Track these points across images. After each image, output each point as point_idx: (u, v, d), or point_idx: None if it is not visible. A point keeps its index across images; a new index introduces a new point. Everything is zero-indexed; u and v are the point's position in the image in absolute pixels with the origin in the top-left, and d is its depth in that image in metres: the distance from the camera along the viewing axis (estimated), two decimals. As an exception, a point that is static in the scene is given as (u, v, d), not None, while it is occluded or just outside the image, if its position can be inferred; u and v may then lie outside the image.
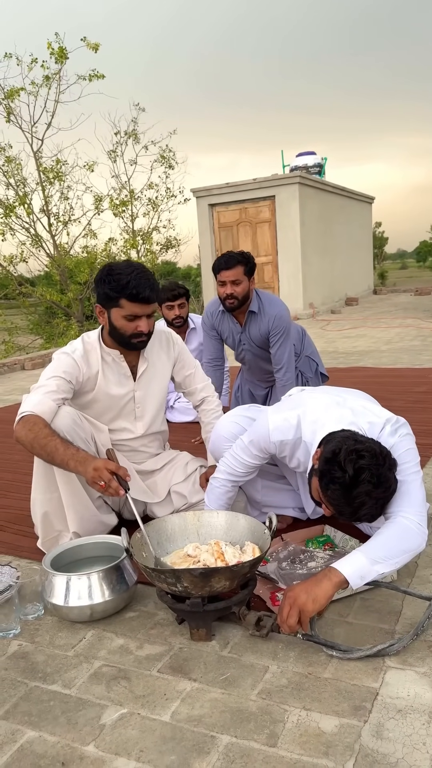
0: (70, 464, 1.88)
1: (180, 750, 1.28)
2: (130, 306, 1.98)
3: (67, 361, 2.08)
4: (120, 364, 2.16)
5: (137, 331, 2.02)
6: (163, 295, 3.74)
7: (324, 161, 13.08)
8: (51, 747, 1.31)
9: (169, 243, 13.57)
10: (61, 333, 11.43)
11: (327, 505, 1.68)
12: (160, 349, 2.28)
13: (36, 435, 1.90)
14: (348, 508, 1.60)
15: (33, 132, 11.54)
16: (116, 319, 2.03)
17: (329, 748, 1.25)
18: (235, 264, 3.10)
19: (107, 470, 1.80)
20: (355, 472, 1.56)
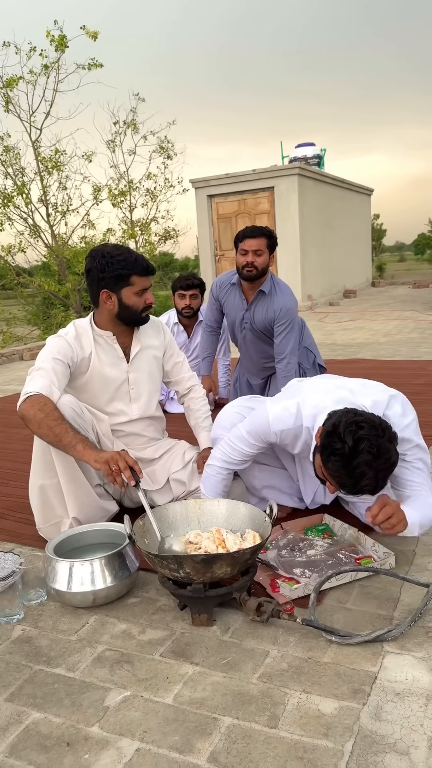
0: (78, 447, 1.89)
1: (183, 731, 1.30)
2: (140, 281, 2.10)
3: (61, 343, 2.12)
4: (113, 346, 2.20)
5: (147, 303, 2.14)
6: (177, 283, 3.78)
7: (323, 152, 13.04)
8: (56, 728, 1.34)
9: (168, 234, 13.56)
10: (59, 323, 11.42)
11: (329, 479, 1.71)
12: (153, 335, 2.33)
13: (46, 415, 1.92)
14: (349, 479, 1.64)
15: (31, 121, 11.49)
16: (128, 298, 2.12)
17: (329, 729, 1.28)
18: (259, 235, 3.15)
19: (125, 461, 1.83)
20: (354, 442, 1.60)
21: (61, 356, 2.08)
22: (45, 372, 2.03)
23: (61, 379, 2.06)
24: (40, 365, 2.05)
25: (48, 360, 2.06)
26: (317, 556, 1.97)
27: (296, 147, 12.88)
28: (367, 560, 1.91)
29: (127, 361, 2.23)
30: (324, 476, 1.74)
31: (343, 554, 1.96)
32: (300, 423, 1.92)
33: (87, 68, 11.36)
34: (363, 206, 15.83)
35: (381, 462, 1.62)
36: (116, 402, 2.25)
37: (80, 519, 2.10)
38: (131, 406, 2.28)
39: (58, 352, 2.08)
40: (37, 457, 2.12)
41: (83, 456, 1.89)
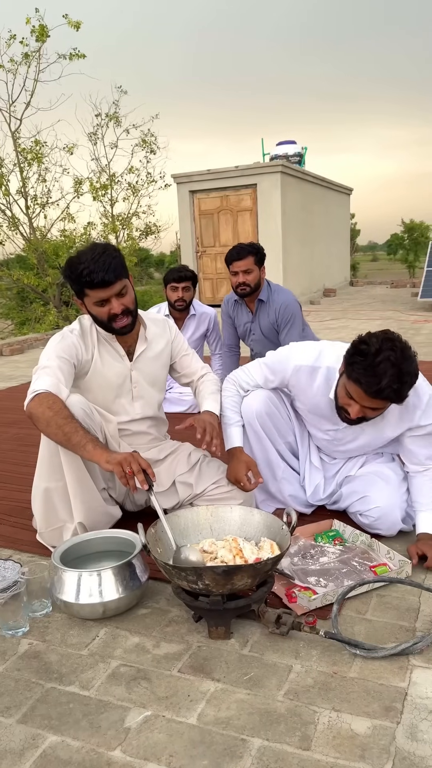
0: (88, 447, 1.81)
1: (211, 754, 1.24)
2: (93, 293, 1.97)
3: (66, 342, 2.05)
4: (115, 345, 2.13)
5: (111, 314, 2.00)
6: (169, 276, 3.74)
7: (304, 151, 13.03)
8: (75, 752, 1.26)
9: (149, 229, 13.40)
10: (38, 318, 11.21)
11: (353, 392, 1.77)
12: (159, 333, 2.25)
13: (55, 413, 1.84)
14: (373, 378, 1.68)
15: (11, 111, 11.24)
16: (91, 308, 2.02)
17: (364, 750, 1.23)
18: (246, 255, 3.38)
19: (138, 463, 1.75)
20: (380, 344, 1.71)
21: (66, 355, 2.00)
22: (51, 370, 1.95)
23: (68, 377, 1.98)
24: (46, 363, 1.97)
25: (53, 358, 1.98)
26: (330, 563, 1.92)
27: (277, 144, 12.83)
28: (383, 568, 1.87)
29: (130, 359, 2.16)
30: (347, 395, 1.81)
31: (357, 562, 1.92)
32: (320, 364, 2.02)
33: (68, 58, 11.16)
34: (342, 205, 15.89)
35: (404, 363, 1.68)
36: (119, 400, 2.18)
37: (86, 524, 2.02)
38: (134, 405, 2.21)
39: (62, 350, 2.01)
40: (43, 459, 2.03)
41: (93, 456, 1.80)
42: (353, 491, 2.12)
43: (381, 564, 1.90)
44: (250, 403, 2.20)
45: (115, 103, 12.67)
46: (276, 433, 2.22)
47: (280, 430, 2.22)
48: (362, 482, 2.10)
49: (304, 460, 2.28)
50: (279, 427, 2.22)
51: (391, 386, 1.69)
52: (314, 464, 2.26)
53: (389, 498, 2.04)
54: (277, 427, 2.22)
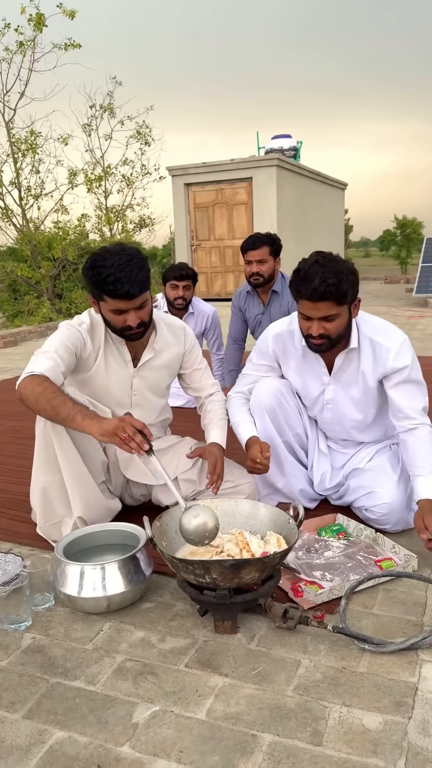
0: (77, 418, 1.74)
1: (222, 750, 1.22)
2: (113, 302, 1.86)
3: (73, 333, 1.99)
4: (121, 349, 2.06)
5: (126, 325, 1.91)
6: (169, 273, 3.68)
7: (299, 145, 12.98)
8: (83, 748, 1.24)
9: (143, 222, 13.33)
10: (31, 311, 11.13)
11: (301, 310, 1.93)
12: (173, 342, 2.17)
13: (44, 389, 1.78)
14: (306, 283, 1.85)
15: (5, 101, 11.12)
16: (105, 312, 1.93)
17: (377, 746, 1.22)
18: (261, 245, 3.31)
19: (132, 425, 1.69)
20: (309, 258, 1.91)
21: (70, 344, 1.95)
22: (50, 354, 1.90)
23: (67, 365, 1.93)
24: (47, 348, 1.92)
25: (55, 344, 1.93)
26: (335, 558, 1.91)
27: (273, 138, 12.78)
28: (388, 563, 1.86)
29: (135, 365, 2.10)
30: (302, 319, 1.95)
31: (362, 556, 1.91)
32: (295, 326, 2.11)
33: (64, 48, 11.05)
34: (337, 200, 15.87)
35: (332, 264, 1.85)
36: (117, 405, 2.13)
37: (85, 518, 1.99)
38: (132, 411, 2.16)
39: (68, 339, 1.96)
40: (39, 451, 2.00)
41: (84, 428, 1.74)
42: (360, 486, 2.10)
43: (386, 558, 1.89)
44: (260, 396, 2.18)
45: (110, 94, 12.59)
46: (285, 425, 2.19)
47: (289, 421, 2.20)
48: (369, 477, 2.08)
49: (313, 447, 2.26)
50: (288, 418, 2.20)
51: (325, 281, 1.82)
52: (322, 450, 2.25)
53: (397, 494, 2.02)
54: (287, 417, 2.19)
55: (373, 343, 2.01)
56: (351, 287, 1.87)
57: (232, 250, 11.32)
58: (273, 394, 2.17)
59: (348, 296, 1.88)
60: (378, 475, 2.08)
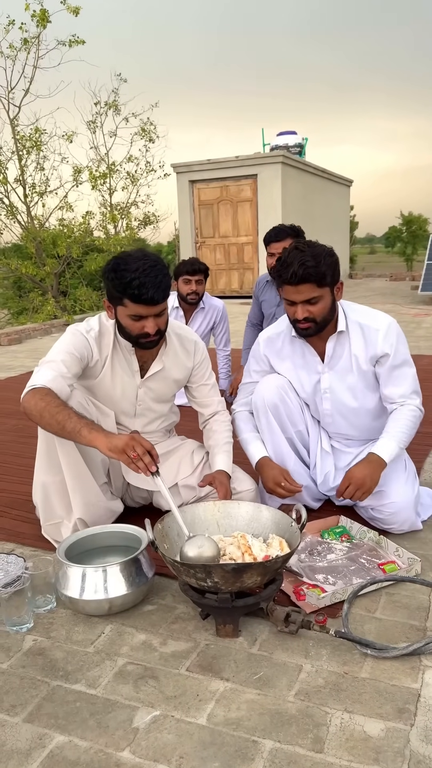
0: (83, 432, 1.73)
1: (222, 756, 1.22)
2: (134, 306, 1.83)
3: (81, 340, 1.96)
4: (129, 358, 2.04)
5: (143, 332, 1.88)
6: (182, 268, 3.67)
7: (305, 142, 12.93)
8: (84, 753, 1.24)
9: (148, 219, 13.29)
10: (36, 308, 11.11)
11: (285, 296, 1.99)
12: (183, 356, 2.14)
13: (47, 404, 1.78)
14: (286, 269, 1.91)
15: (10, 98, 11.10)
16: (122, 318, 1.90)
17: (379, 753, 1.21)
18: (285, 236, 3.23)
19: (142, 445, 1.68)
20: (288, 247, 1.97)
21: (76, 352, 1.93)
22: (54, 365, 1.89)
23: (74, 373, 1.91)
24: (52, 358, 1.91)
25: (61, 353, 1.91)
26: (338, 561, 1.90)
27: (278, 135, 12.73)
28: (392, 566, 1.84)
29: (142, 376, 2.08)
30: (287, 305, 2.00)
31: (365, 559, 1.90)
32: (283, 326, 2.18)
33: (68, 45, 11.00)
34: (342, 197, 15.81)
35: (310, 249, 1.92)
36: (119, 414, 2.12)
37: (86, 519, 1.98)
38: (134, 421, 2.15)
39: (74, 347, 1.93)
40: (41, 452, 1.99)
41: (91, 442, 1.73)
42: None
43: (389, 561, 1.87)
44: (262, 393, 2.18)
45: (115, 91, 12.52)
46: (288, 422, 2.19)
47: (291, 418, 2.20)
48: None
49: (316, 446, 2.25)
50: (291, 415, 2.19)
51: (303, 264, 1.89)
52: (325, 449, 2.24)
53: (405, 494, 2.01)
54: (289, 414, 2.19)
55: (361, 326, 2.07)
56: (330, 269, 1.94)
57: (236, 248, 11.29)
58: (275, 391, 2.17)
59: (327, 278, 1.94)
60: (386, 473, 2.07)
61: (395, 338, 2.06)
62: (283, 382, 2.19)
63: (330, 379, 2.14)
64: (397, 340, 2.06)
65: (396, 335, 2.07)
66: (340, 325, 2.06)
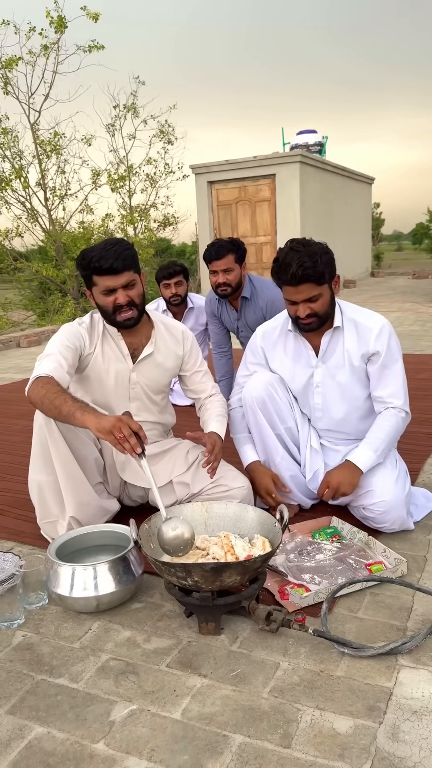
0: (77, 414, 1.79)
1: (192, 750, 1.25)
2: (101, 280, 1.99)
3: (73, 332, 2.09)
4: (118, 343, 2.14)
5: (116, 304, 2.01)
6: (159, 274, 3.73)
7: (325, 140, 12.89)
8: (60, 744, 1.29)
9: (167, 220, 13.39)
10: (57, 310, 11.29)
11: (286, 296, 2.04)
12: (172, 343, 2.22)
13: (47, 391, 1.87)
14: (285, 269, 1.96)
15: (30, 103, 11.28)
16: (97, 298, 2.06)
17: (344, 750, 1.23)
18: (225, 253, 3.15)
19: (129, 426, 1.72)
20: (283, 247, 2.02)
21: (70, 343, 2.05)
22: (54, 357, 1.99)
23: (71, 364, 2.02)
24: (50, 351, 2.02)
25: (58, 345, 2.03)
26: (326, 561, 1.92)
27: (297, 134, 12.71)
28: (378, 566, 1.86)
29: (134, 361, 2.15)
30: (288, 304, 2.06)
31: (353, 560, 1.91)
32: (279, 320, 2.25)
33: (87, 50, 11.15)
34: (364, 195, 15.70)
35: (306, 248, 1.96)
36: (115, 399, 2.17)
37: (79, 519, 2.03)
38: (130, 405, 2.20)
39: (68, 339, 2.05)
40: (35, 451, 2.06)
41: (83, 422, 1.78)
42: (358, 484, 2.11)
43: (377, 562, 1.89)
44: (251, 388, 2.22)
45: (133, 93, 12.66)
46: (276, 418, 2.22)
47: (281, 414, 2.23)
48: (367, 475, 2.09)
49: (305, 443, 2.28)
50: (279, 411, 2.22)
51: (302, 266, 1.93)
52: (314, 447, 2.26)
53: (395, 492, 2.03)
54: (278, 410, 2.22)
55: (356, 323, 2.12)
56: (327, 266, 1.99)
57: (255, 248, 11.31)
58: (264, 387, 2.21)
59: (326, 275, 1.99)
60: (375, 473, 2.08)
61: (388, 337, 2.09)
62: (272, 378, 2.23)
63: (323, 373, 2.17)
64: (389, 339, 2.09)
65: (389, 335, 2.10)
66: (336, 321, 2.11)
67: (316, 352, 2.17)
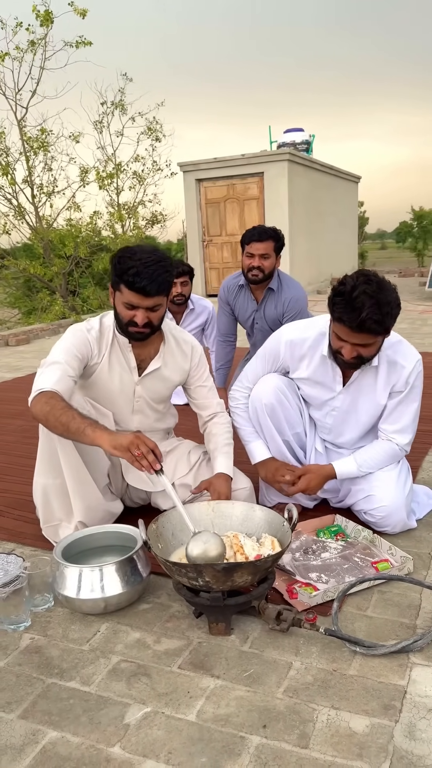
0: (87, 431, 1.76)
1: (210, 751, 1.25)
2: (128, 294, 1.88)
3: (82, 339, 2.01)
4: (127, 354, 2.07)
5: (132, 320, 1.93)
6: None
7: (312, 138, 12.90)
8: (75, 748, 1.27)
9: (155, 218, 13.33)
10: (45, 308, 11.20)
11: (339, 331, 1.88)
12: (180, 357, 2.16)
13: (51, 408, 1.81)
14: (352, 312, 1.77)
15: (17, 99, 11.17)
16: (118, 303, 1.96)
17: (362, 749, 1.23)
18: (267, 238, 3.11)
19: (146, 444, 1.71)
20: (355, 280, 1.80)
21: (78, 352, 1.97)
22: (59, 366, 1.92)
23: (76, 371, 1.96)
24: (55, 359, 1.95)
25: (64, 353, 1.96)
26: (332, 559, 1.92)
27: (285, 132, 12.71)
28: (384, 564, 1.86)
29: (140, 373, 2.10)
30: (337, 338, 1.90)
31: (359, 558, 1.92)
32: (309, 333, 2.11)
33: (75, 46, 11.05)
34: (350, 194, 15.75)
35: (381, 294, 1.77)
36: (119, 410, 2.15)
37: (86, 523, 2.01)
38: (132, 418, 2.18)
39: (75, 346, 1.98)
40: (42, 455, 2.03)
41: (95, 440, 1.75)
42: (359, 489, 2.11)
43: (383, 560, 1.89)
44: (260, 394, 2.18)
45: (121, 90, 12.57)
46: (285, 424, 2.19)
47: (290, 420, 2.20)
48: (368, 480, 2.09)
49: (311, 446, 2.27)
50: (289, 417, 2.20)
51: (371, 317, 1.77)
52: (318, 450, 2.26)
53: (395, 497, 2.03)
54: (287, 417, 2.19)
55: (389, 360, 2.03)
56: (393, 321, 1.85)
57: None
58: (273, 393, 2.17)
59: (389, 330, 1.87)
60: (376, 478, 2.08)
61: (415, 377, 2.04)
62: (282, 384, 2.18)
63: (343, 400, 2.12)
64: (416, 379, 2.04)
65: (417, 374, 2.04)
66: (374, 360, 2.00)
67: (344, 379, 2.10)
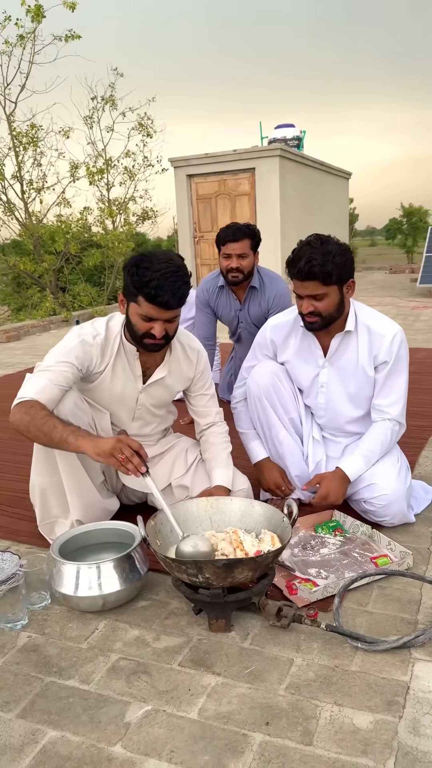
0: (70, 440, 1.74)
1: (213, 750, 1.23)
2: (146, 306, 1.81)
3: (84, 347, 1.93)
4: (133, 362, 2.01)
5: (149, 333, 1.87)
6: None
7: (303, 134, 12.88)
8: (76, 748, 1.25)
9: (146, 214, 13.26)
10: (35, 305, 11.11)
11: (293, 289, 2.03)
12: (185, 365, 2.12)
13: (32, 417, 1.77)
14: (295, 264, 1.94)
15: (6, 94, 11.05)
16: (132, 315, 1.88)
17: (367, 746, 1.22)
18: (243, 236, 3.01)
19: (129, 446, 1.69)
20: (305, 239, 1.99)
21: (77, 362, 1.90)
22: (51, 374, 1.86)
23: (67, 380, 1.88)
24: (48, 366, 1.88)
25: (60, 362, 1.89)
26: (331, 555, 1.91)
27: (276, 128, 12.69)
28: (384, 560, 1.86)
29: (144, 381, 2.05)
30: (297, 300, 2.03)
31: (358, 553, 1.91)
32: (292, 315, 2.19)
33: (64, 40, 10.94)
34: (341, 190, 15.76)
35: (321, 246, 1.92)
36: (119, 415, 2.12)
37: (83, 521, 1.99)
38: (132, 424, 2.14)
39: (75, 356, 1.90)
40: (38, 453, 1.99)
41: (79, 448, 1.74)
42: (360, 477, 2.10)
43: (382, 555, 1.89)
44: (256, 378, 2.22)
45: (111, 85, 12.47)
46: (281, 408, 2.22)
47: (285, 405, 2.23)
48: (369, 469, 2.09)
49: (308, 435, 2.28)
50: (283, 402, 2.22)
51: (311, 262, 1.90)
52: (316, 439, 2.27)
53: (396, 486, 2.03)
54: (282, 401, 2.22)
55: (369, 329, 2.08)
56: (338, 268, 1.93)
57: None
58: (269, 376, 2.21)
59: (333, 277, 1.93)
60: (377, 467, 2.08)
61: (398, 347, 2.07)
62: (277, 369, 2.23)
63: (329, 374, 2.16)
64: (399, 349, 2.07)
65: (400, 344, 2.07)
66: (349, 325, 2.07)
67: (325, 352, 2.14)
